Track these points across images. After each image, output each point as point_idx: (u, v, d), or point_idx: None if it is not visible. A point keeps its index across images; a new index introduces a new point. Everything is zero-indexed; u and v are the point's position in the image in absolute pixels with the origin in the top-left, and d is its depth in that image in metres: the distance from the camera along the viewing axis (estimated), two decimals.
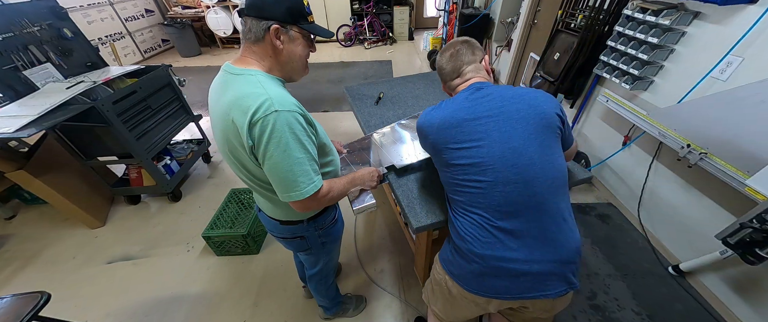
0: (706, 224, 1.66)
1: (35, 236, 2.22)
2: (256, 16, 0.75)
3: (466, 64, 0.97)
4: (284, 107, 0.72)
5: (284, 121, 0.71)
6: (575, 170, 1.31)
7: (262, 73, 0.79)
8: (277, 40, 0.77)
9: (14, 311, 1.13)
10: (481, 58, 1.00)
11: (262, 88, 0.73)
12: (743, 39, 1.43)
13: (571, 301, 0.93)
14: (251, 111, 0.70)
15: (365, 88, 2.19)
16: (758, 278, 1.45)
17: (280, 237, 1.10)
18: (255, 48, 0.79)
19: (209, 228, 1.91)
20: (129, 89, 2.04)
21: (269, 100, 0.70)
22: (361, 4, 6.49)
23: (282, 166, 0.74)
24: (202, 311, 1.71)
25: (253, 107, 0.70)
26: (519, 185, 0.80)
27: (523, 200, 0.80)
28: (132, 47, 5.52)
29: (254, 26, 0.76)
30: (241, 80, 0.76)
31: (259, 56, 0.80)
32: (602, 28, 2.21)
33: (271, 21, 0.75)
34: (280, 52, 0.79)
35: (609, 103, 2.11)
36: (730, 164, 1.42)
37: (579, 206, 2.33)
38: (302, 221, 1.03)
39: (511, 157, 0.81)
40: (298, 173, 0.76)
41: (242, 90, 0.73)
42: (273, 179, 0.78)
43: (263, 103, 0.70)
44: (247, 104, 0.70)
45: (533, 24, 3.66)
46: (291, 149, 0.73)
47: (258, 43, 0.78)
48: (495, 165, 0.81)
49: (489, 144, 0.82)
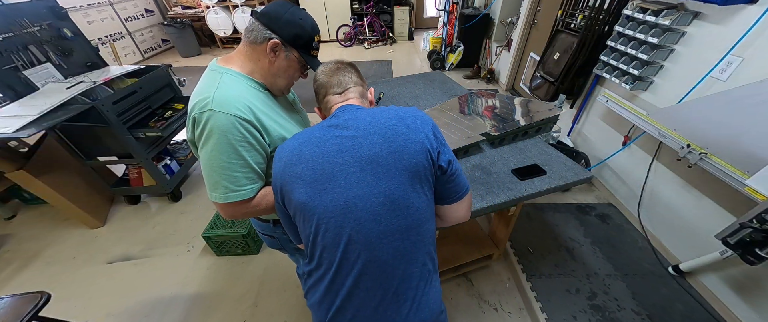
0: (706, 224, 1.66)
1: (35, 236, 2.21)
2: (264, 23, 0.78)
3: (354, 84, 0.83)
4: (223, 109, 0.71)
5: (218, 123, 0.71)
6: (575, 170, 1.32)
7: (235, 73, 0.80)
8: (272, 52, 0.80)
9: (14, 311, 1.13)
10: (367, 88, 0.88)
11: (214, 87, 0.75)
12: (743, 39, 1.43)
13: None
14: (194, 105, 0.73)
15: None
16: (758, 278, 1.45)
17: (256, 230, 1.10)
18: (248, 48, 0.81)
19: (209, 228, 1.91)
20: (129, 89, 2.04)
21: (209, 100, 0.72)
22: (361, 4, 6.49)
23: (206, 166, 0.75)
24: (202, 311, 1.71)
25: (195, 103, 0.73)
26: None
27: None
28: (132, 47, 5.52)
29: (257, 30, 0.78)
30: (208, 77, 0.79)
31: (247, 57, 0.82)
32: (602, 28, 2.21)
33: (274, 35, 0.78)
34: (271, 63, 0.81)
35: (609, 103, 2.11)
36: (730, 164, 1.42)
37: (579, 206, 2.33)
38: (269, 222, 1.01)
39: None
40: (222, 177, 0.75)
41: (201, 86, 0.78)
42: (203, 172, 0.78)
43: (203, 101, 0.72)
44: (194, 100, 0.74)
45: (533, 24, 3.66)
46: (218, 152, 0.73)
47: (253, 45, 0.80)
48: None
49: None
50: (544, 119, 1.56)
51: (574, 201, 2.38)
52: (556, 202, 2.36)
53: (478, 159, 1.42)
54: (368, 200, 0.65)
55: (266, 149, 0.81)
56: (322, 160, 0.67)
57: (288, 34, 0.79)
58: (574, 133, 2.71)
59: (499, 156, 1.43)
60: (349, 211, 0.65)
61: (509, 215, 1.58)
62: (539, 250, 1.99)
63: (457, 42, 4.80)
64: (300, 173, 0.68)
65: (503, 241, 1.78)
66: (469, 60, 4.84)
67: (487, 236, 1.89)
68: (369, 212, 0.65)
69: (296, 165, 0.69)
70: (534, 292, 1.74)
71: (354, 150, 0.67)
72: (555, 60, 2.61)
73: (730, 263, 1.55)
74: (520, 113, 1.64)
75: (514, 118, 1.60)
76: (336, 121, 0.73)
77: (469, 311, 1.68)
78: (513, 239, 2.06)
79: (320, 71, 0.83)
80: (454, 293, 1.76)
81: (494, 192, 1.22)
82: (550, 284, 1.78)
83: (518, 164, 1.37)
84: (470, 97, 1.90)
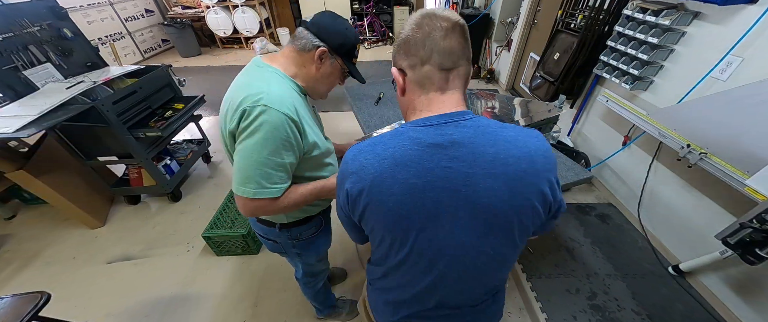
0: (706, 224, 1.66)
1: (35, 236, 2.21)
2: (314, 32, 0.81)
3: (465, 61, 0.59)
4: (276, 106, 0.72)
5: (270, 119, 0.71)
6: (575, 170, 1.32)
7: (281, 73, 0.82)
8: (319, 60, 0.82)
9: (14, 311, 1.13)
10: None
11: (267, 84, 0.76)
12: (743, 39, 1.43)
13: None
14: (245, 98, 0.72)
15: (365, 88, 2.19)
16: (758, 278, 1.45)
17: (257, 232, 1.09)
18: (295, 54, 0.83)
19: (209, 228, 1.91)
20: (129, 89, 2.04)
21: (263, 95, 0.72)
22: (361, 4, 6.49)
23: (244, 158, 0.75)
24: (202, 311, 1.71)
25: (249, 96, 0.72)
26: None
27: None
28: (132, 47, 5.52)
29: (307, 38, 0.81)
30: (256, 72, 0.81)
31: (292, 61, 0.84)
32: (602, 28, 2.21)
33: (323, 43, 0.81)
34: (317, 69, 0.84)
35: (609, 103, 2.11)
36: (730, 164, 1.42)
37: (579, 206, 2.33)
38: (274, 225, 1.01)
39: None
40: (256, 173, 0.75)
41: (250, 80, 0.78)
42: (235, 165, 0.77)
43: (257, 95, 0.72)
44: (246, 93, 0.73)
45: (533, 24, 3.66)
46: (261, 147, 0.73)
47: (300, 52, 0.83)
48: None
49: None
50: (544, 119, 1.56)
51: (574, 201, 2.38)
52: None
53: None
54: (471, 253, 0.59)
55: (301, 152, 0.82)
56: (424, 196, 0.54)
57: (335, 42, 0.82)
58: (574, 133, 2.71)
59: None
60: (445, 255, 0.59)
61: None
62: (539, 250, 1.99)
63: None
64: (392, 205, 0.56)
65: None
66: None
67: None
68: (467, 264, 0.60)
69: (388, 195, 0.55)
70: (534, 292, 1.74)
71: (466, 191, 0.54)
72: (555, 60, 2.61)
73: (730, 263, 1.55)
74: (520, 113, 1.64)
75: (513, 118, 1.60)
76: (442, 139, 0.54)
77: None
78: None
79: (415, 19, 0.58)
80: None
81: None
82: (550, 284, 1.78)
83: None
84: (470, 98, 1.90)
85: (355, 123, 3.08)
